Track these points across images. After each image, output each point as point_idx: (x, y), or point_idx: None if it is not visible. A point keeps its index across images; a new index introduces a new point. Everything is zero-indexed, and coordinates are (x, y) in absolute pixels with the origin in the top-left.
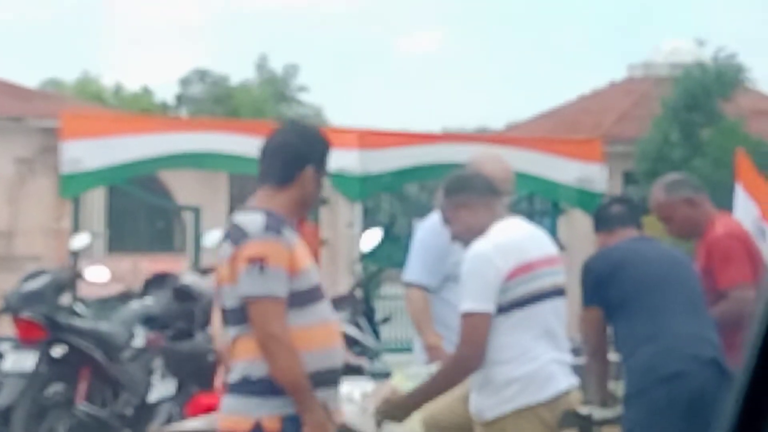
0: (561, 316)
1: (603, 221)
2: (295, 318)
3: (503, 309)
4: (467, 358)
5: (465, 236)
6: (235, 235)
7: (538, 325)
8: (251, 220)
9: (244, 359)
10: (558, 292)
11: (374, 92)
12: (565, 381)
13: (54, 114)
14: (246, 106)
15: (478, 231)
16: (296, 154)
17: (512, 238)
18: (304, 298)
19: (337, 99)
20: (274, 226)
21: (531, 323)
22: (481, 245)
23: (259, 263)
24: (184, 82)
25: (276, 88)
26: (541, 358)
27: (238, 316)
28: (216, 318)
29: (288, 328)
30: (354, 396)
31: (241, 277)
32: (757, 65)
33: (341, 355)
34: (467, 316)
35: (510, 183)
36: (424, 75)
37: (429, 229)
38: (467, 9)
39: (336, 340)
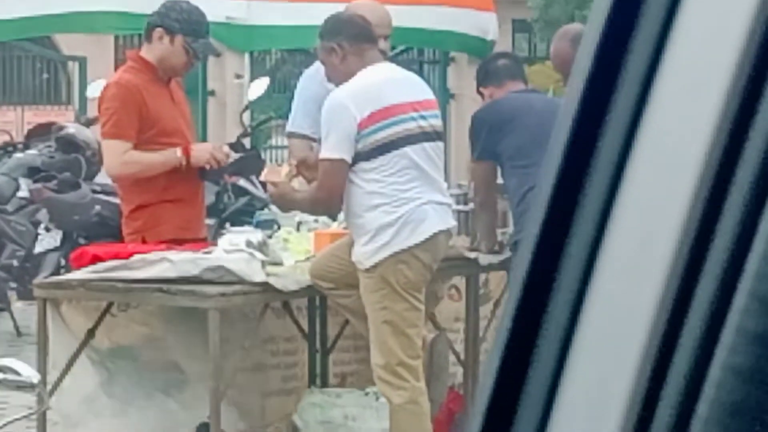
0: (435, 159)
1: (491, 74)
2: None
3: (365, 155)
4: (322, 201)
5: (336, 80)
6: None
7: (408, 169)
8: None
9: None
10: (429, 136)
11: None
12: (440, 222)
13: None
14: None
15: (348, 76)
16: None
17: (370, 84)
18: None
19: None
20: None
21: (399, 167)
22: (336, 93)
23: None
24: None
25: None
26: (413, 202)
27: None
28: None
29: None
30: (240, 244)
31: None
32: None
33: None
34: (323, 162)
35: (385, 27)
36: None
37: (310, 77)
38: None
39: None
